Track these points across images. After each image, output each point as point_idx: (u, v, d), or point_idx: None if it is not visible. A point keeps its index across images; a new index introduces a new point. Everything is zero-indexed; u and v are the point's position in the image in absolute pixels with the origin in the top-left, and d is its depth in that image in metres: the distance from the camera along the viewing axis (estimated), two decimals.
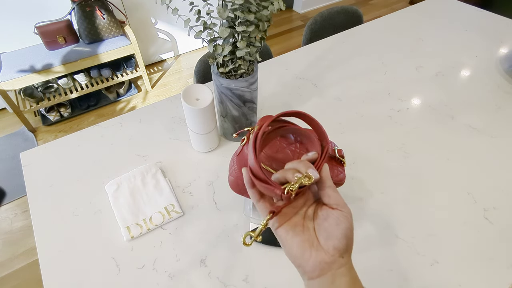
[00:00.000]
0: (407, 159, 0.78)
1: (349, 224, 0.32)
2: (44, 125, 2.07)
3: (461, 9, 1.39)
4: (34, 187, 0.73)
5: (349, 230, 0.32)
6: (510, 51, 1.13)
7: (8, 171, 1.80)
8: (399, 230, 0.65)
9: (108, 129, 0.87)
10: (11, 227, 1.56)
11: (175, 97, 0.96)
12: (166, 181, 0.72)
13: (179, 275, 0.58)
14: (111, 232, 0.65)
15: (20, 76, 1.75)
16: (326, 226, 0.32)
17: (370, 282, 0.58)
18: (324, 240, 0.32)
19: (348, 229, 0.32)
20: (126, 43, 1.98)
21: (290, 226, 0.34)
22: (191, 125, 0.72)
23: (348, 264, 0.32)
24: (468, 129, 0.85)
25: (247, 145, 0.56)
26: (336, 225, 0.32)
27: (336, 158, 0.56)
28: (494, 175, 0.74)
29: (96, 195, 0.71)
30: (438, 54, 1.13)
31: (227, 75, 0.69)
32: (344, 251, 0.32)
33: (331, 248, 0.31)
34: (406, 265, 0.60)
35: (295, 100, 0.95)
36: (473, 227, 0.65)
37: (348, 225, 0.32)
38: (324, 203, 0.34)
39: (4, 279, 1.38)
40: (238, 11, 0.57)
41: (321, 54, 1.14)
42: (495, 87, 0.98)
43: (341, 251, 0.32)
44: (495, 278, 0.58)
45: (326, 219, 0.33)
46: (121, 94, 2.26)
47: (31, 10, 1.86)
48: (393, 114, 0.90)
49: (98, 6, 1.84)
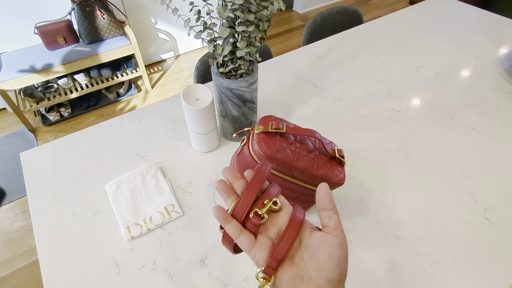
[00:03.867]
0: (407, 159, 0.78)
1: (344, 252, 0.30)
2: (44, 125, 2.07)
3: (461, 9, 1.39)
4: (34, 187, 0.73)
5: (343, 259, 0.30)
6: (510, 51, 1.13)
7: (8, 171, 1.80)
8: (399, 230, 0.65)
9: (108, 129, 0.87)
10: (11, 227, 1.56)
11: (175, 97, 0.96)
12: (166, 181, 0.72)
13: (179, 275, 0.58)
14: (111, 232, 0.65)
15: (20, 76, 1.75)
16: (318, 256, 0.30)
17: (370, 282, 0.58)
18: (315, 272, 0.29)
19: (343, 258, 0.30)
20: (126, 43, 1.98)
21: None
22: (191, 125, 0.72)
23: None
24: (468, 129, 0.85)
25: (247, 145, 0.57)
26: (329, 254, 0.29)
27: (336, 158, 0.56)
28: (494, 175, 0.74)
29: (96, 195, 0.71)
30: (438, 54, 1.13)
31: (227, 75, 0.69)
32: (337, 281, 0.29)
33: (324, 280, 0.29)
34: (406, 265, 0.60)
35: (295, 100, 0.95)
36: (473, 227, 0.65)
37: (343, 254, 0.30)
38: (322, 225, 0.32)
39: (4, 279, 1.38)
40: (238, 11, 0.57)
41: (321, 54, 1.14)
42: (495, 87, 0.98)
43: (334, 282, 0.29)
44: (495, 278, 0.58)
45: (319, 248, 0.30)
46: (121, 94, 2.26)
47: (31, 10, 1.86)
48: (393, 114, 0.90)
49: (98, 6, 1.84)
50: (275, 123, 0.55)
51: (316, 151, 0.56)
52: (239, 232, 0.32)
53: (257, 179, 0.33)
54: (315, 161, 0.54)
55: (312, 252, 0.30)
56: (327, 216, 0.32)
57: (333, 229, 0.31)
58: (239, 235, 0.32)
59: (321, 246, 0.30)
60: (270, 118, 0.57)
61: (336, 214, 0.32)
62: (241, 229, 0.32)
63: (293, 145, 0.54)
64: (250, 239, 0.32)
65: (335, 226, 0.31)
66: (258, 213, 0.32)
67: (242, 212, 0.32)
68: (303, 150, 0.55)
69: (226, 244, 0.35)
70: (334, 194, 0.70)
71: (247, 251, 0.32)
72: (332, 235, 0.31)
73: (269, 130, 0.54)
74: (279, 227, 0.33)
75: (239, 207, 0.32)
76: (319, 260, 0.29)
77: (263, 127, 0.54)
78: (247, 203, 0.32)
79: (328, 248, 0.30)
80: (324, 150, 0.57)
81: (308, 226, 0.33)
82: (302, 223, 0.32)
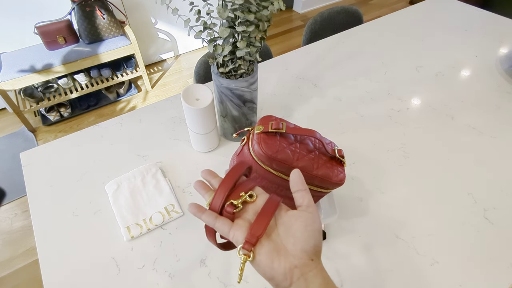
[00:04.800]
0: (407, 159, 0.78)
1: (317, 226, 0.32)
2: (44, 125, 2.07)
3: (461, 9, 1.39)
4: (34, 187, 0.73)
5: (317, 232, 0.32)
6: (510, 51, 1.13)
7: (8, 171, 1.80)
8: (399, 230, 0.65)
9: (108, 129, 0.87)
10: (11, 227, 1.56)
11: (175, 97, 0.96)
12: (166, 181, 0.72)
13: (179, 275, 0.58)
14: (111, 232, 0.65)
15: (20, 76, 1.75)
16: (293, 231, 0.32)
17: (370, 282, 0.58)
18: (291, 246, 0.31)
19: (317, 231, 0.32)
20: (126, 43, 1.98)
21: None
22: (191, 125, 0.72)
23: (319, 266, 0.32)
24: (468, 129, 0.85)
25: (247, 145, 0.56)
26: (304, 227, 0.32)
27: (336, 158, 0.56)
28: (494, 175, 0.74)
29: (96, 195, 0.71)
30: (438, 54, 1.13)
31: (227, 75, 0.69)
32: (312, 253, 0.32)
33: (299, 251, 0.31)
34: (406, 265, 0.60)
35: (295, 100, 0.95)
36: (473, 227, 0.65)
37: (316, 227, 0.32)
38: (297, 205, 0.35)
39: (4, 279, 1.38)
40: (238, 11, 0.57)
41: (321, 54, 1.14)
42: (495, 87, 0.98)
43: (310, 253, 0.31)
44: (495, 278, 0.58)
45: (294, 224, 0.32)
46: (121, 94, 2.26)
47: (31, 10, 1.86)
48: (393, 114, 0.90)
49: (98, 6, 1.84)
50: (275, 123, 0.55)
51: (316, 151, 0.56)
52: (215, 218, 0.34)
53: (231, 174, 0.36)
54: (315, 161, 0.54)
55: (288, 228, 0.33)
56: (301, 196, 0.35)
57: (306, 207, 0.34)
58: (215, 221, 0.34)
59: (296, 221, 0.33)
60: (270, 118, 0.57)
61: (309, 194, 0.35)
62: (217, 216, 0.34)
63: (293, 145, 0.54)
64: (227, 222, 0.34)
65: (308, 204, 0.34)
66: (233, 203, 0.34)
67: (218, 204, 0.34)
68: (303, 150, 0.54)
69: (209, 237, 0.37)
70: (334, 194, 0.70)
71: (226, 233, 0.33)
72: (306, 212, 0.33)
73: (269, 130, 0.54)
74: (256, 211, 0.35)
75: (215, 200, 0.34)
76: (294, 235, 0.32)
77: (263, 127, 0.54)
78: (222, 195, 0.34)
79: (302, 222, 0.32)
80: (324, 150, 0.57)
81: (284, 208, 0.35)
82: (278, 204, 0.34)
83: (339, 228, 0.65)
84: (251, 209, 0.35)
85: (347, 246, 0.62)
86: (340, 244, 0.63)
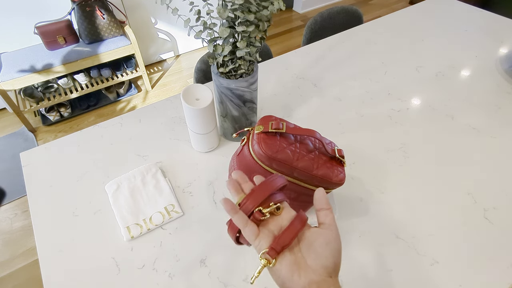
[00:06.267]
0: (407, 159, 0.78)
1: (338, 245, 0.34)
2: (44, 125, 2.07)
3: (461, 9, 1.39)
4: (34, 187, 0.73)
5: (338, 252, 0.33)
6: (510, 51, 1.13)
7: (8, 171, 1.80)
8: (399, 230, 0.65)
9: (108, 129, 0.87)
10: (11, 227, 1.56)
11: (175, 97, 0.96)
12: (166, 181, 0.72)
13: (179, 275, 0.58)
14: (111, 232, 0.65)
15: (20, 76, 1.75)
16: (315, 247, 0.33)
17: (370, 282, 0.58)
18: (312, 261, 0.32)
19: (337, 250, 0.33)
20: (126, 43, 1.98)
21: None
22: (191, 125, 0.72)
23: (336, 284, 0.33)
24: (468, 129, 0.85)
25: (247, 145, 0.57)
26: (326, 245, 0.33)
27: (336, 158, 0.56)
28: (494, 175, 0.74)
29: (96, 195, 0.71)
30: (438, 54, 1.13)
31: (227, 75, 0.69)
32: (332, 270, 0.32)
33: (320, 267, 0.32)
34: (406, 265, 0.60)
35: (295, 100, 0.95)
36: (473, 227, 0.65)
37: (337, 246, 0.33)
38: (319, 222, 0.36)
39: (4, 279, 1.38)
40: (238, 11, 0.57)
41: (321, 54, 1.14)
42: (495, 87, 0.98)
43: (330, 270, 0.32)
44: (495, 278, 0.58)
45: (316, 240, 0.34)
46: (121, 94, 2.26)
47: (31, 10, 1.86)
48: (393, 114, 0.90)
49: (98, 6, 1.84)
50: (275, 123, 0.55)
51: (316, 151, 0.56)
52: (246, 222, 0.35)
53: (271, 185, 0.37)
54: (315, 161, 0.54)
55: (310, 244, 0.34)
56: (324, 215, 0.36)
57: (328, 225, 0.35)
58: (246, 224, 0.35)
59: (318, 238, 0.34)
60: (270, 118, 0.57)
61: (332, 213, 0.36)
62: (247, 220, 0.35)
63: (293, 145, 0.54)
64: (255, 230, 0.35)
65: (331, 223, 0.35)
66: (262, 211, 0.35)
67: (250, 209, 0.35)
68: (303, 150, 0.55)
69: (231, 233, 0.38)
70: (334, 194, 0.70)
71: (251, 239, 0.35)
72: (328, 230, 0.34)
73: (269, 130, 0.54)
74: (280, 225, 0.36)
75: (248, 204, 0.36)
76: (316, 250, 0.33)
77: (263, 127, 0.54)
78: (256, 202, 0.36)
79: (324, 240, 0.33)
80: (324, 150, 0.57)
81: (307, 225, 0.36)
82: (306, 221, 0.36)
83: (339, 228, 0.65)
84: (275, 221, 0.36)
85: (347, 246, 0.62)
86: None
